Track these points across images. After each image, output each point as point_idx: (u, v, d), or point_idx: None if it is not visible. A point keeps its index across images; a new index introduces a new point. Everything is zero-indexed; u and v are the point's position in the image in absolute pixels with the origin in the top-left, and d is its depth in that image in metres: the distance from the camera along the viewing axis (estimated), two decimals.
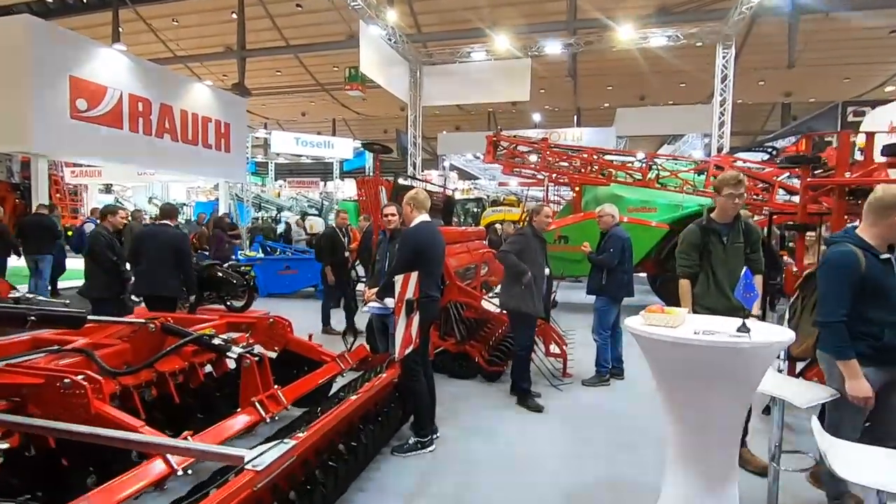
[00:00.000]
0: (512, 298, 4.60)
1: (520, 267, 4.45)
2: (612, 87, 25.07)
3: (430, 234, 3.64)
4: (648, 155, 8.66)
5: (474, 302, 5.28)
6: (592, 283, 5.26)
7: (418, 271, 3.48)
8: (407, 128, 14.88)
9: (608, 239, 5.16)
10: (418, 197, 3.68)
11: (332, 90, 26.73)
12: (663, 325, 2.28)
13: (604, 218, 5.30)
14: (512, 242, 4.74)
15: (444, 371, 5.44)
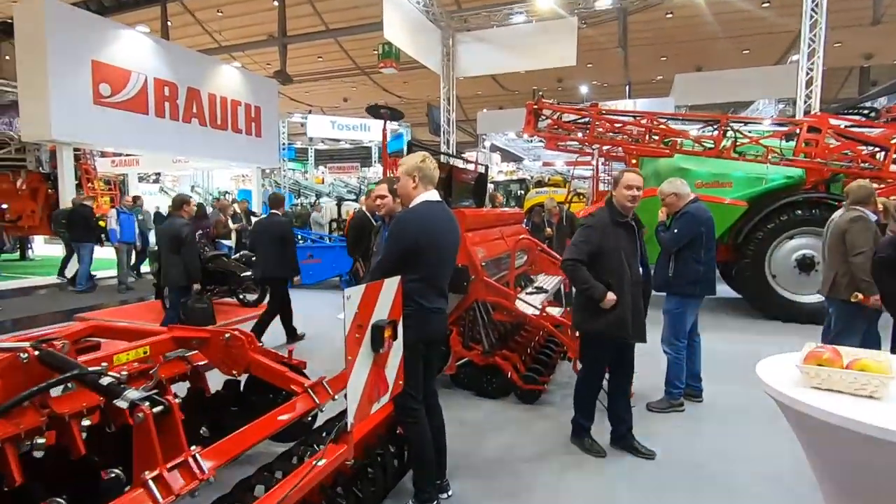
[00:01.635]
0: (588, 317, 3.24)
1: (594, 290, 3.08)
2: (665, 58, 22.93)
3: (435, 220, 2.55)
4: (722, 118, 7.19)
5: (506, 302, 4.19)
6: (658, 275, 4.05)
7: (410, 274, 2.45)
8: (440, 102, 13.74)
9: (678, 218, 3.94)
10: (421, 165, 2.60)
11: (373, 73, 26.12)
12: (854, 389, 1.14)
13: (666, 200, 4.07)
14: (580, 243, 3.18)
15: (468, 388, 4.41)
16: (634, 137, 7.77)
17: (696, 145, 7.49)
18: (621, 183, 3.20)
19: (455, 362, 4.31)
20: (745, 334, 6.44)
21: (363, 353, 2.12)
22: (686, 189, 4.02)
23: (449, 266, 2.68)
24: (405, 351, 2.47)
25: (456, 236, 2.72)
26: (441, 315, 2.64)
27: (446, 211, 2.67)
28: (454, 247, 2.72)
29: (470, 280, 4.28)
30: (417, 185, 2.59)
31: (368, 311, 2.12)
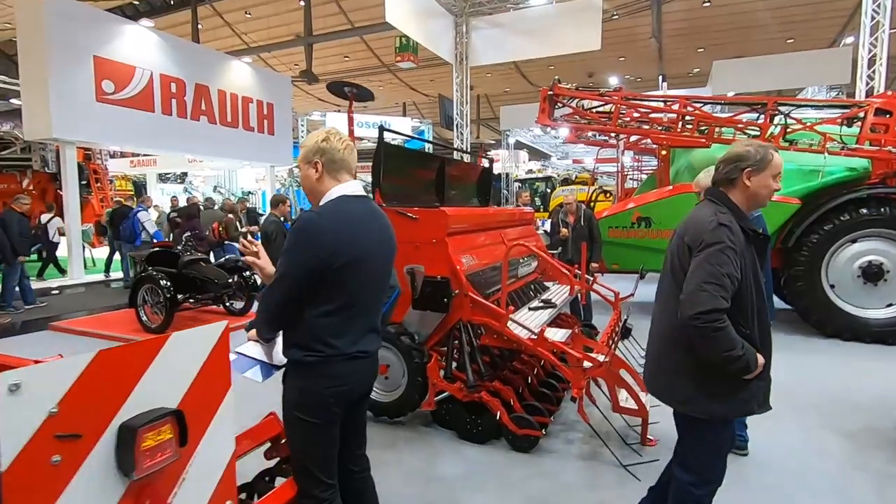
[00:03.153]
0: (720, 394, 1.93)
1: (747, 358, 1.82)
2: (703, 49, 21.59)
3: (354, 224, 1.75)
4: (769, 101, 6.14)
5: (494, 323, 3.36)
6: None
7: (317, 305, 1.70)
8: (452, 93, 12.89)
9: None
10: (324, 146, 1.80)
11: (399, 71, 25.78)
12: None
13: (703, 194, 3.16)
14: (719, 275, 1.79)
15: (449, 427, 3.60)
16: (665, 125, 6.79)
17: (738, 133, 6.45)
18: (767, 167, 1.88)
19: (434, 397, 3.51)
20: (797, 356, 5.42)
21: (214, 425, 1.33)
22: None
23: (379, 288, 1.89)
24: (304, 418, 1.71)
25: (389, 246, 1.92)
26: (367, 361, 1.84)
27: (372, 210, 1.87)
28: (386, 261, 1.91)
29: (452, 295, 3.47)
30: (322, 174, 1.79)
31: (103, 403, 1.17)
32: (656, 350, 2.13)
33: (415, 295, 3.55)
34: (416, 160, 4.56)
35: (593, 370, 3.20)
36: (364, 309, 1.79)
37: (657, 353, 2.12)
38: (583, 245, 5.35)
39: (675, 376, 2.00)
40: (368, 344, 1.81)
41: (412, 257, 3.63)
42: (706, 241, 1.83)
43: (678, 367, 1.99)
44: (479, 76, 25.69)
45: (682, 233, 1.97)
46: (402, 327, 3.64)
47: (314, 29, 20.25)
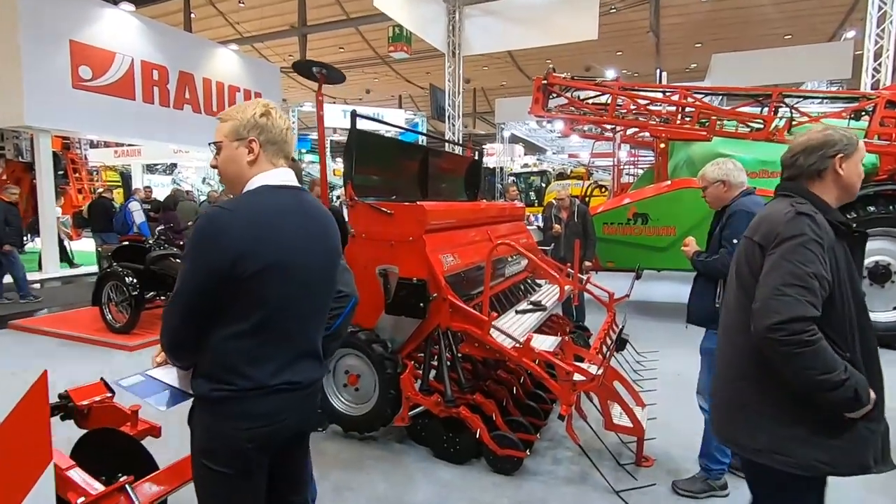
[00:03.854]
0: (814, 436, 1.46)
1: (854, 386, 1.37)
2: (700, 45, 21.33)
3: (276, 222, 1.40)
4: (774, 92, 5.81)
5: (475, 330, 3.02)
6: (698, 305, 2.83)
7: (228, 323, 1.35)
8: (444, 83, 12.50)
9: (730, 220, 2.68)
10: (262, 122, 1.44)
11: (394, 63, 25.36)
12: None
13: (709, 190, 2.81)
14: (805, 275, 1.39)
15: (426, 444, 3.28)
16: (664, 117, 6.45)
17: (741, 126, 6.12)
18: (856, 150, 1.56)
19: (408, 411, 3.17)
20: None
21: None
22: (740, 175, 2.77)
23: (315, 301, 1.51)
24: (214, 467, 1.36)
25: (327, 247, 1.52)
26: (297, 395, 1.44)
27: (303, 204, 1.48)
28: (324, 266, 1.52)
29: (429, 299, 3.13)
30: (258, 157, 1.44)
31: None
32: (726, 388, 1.64)
33: (387, 299, 3.21)
34: (396, 150, 4.22)
35: (584, 384, 2.88)
36: (292, 328, 1.42)
37: (727, 393, 1.64)
38: (576, 242, 5.03)
39: (751, 416, 1.53)
40: (300, 373, 1.44)
41: (386, 256, 3.29)
42: (782, 234, 1.45)
43: (755, 404, 1.52)
44: (475, 69, 25.29)
45: (751, 233, 1.58)
46: (373, 334, 3.30)
47: (308, 19, 19.93)
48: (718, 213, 2.83)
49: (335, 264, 1.57)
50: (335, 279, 1.58)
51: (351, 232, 3.44)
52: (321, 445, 3.34)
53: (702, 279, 2.82)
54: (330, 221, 1.55)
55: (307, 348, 1.48)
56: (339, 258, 1.60)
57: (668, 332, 6.17)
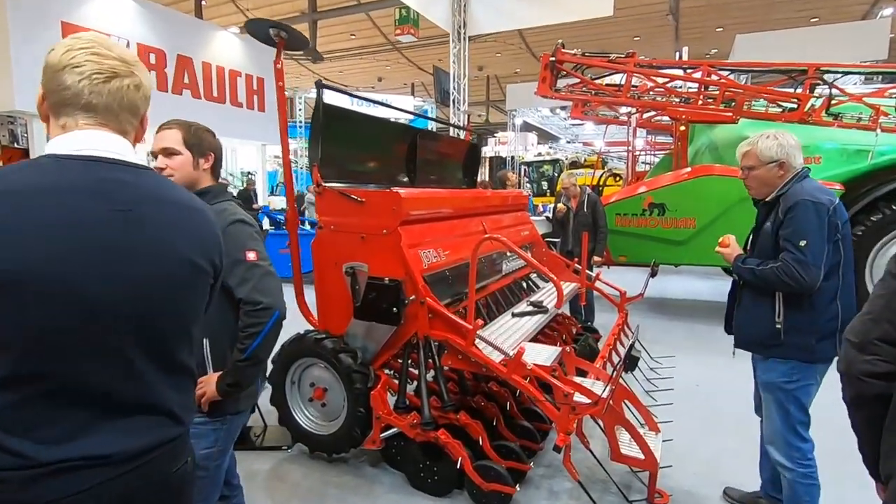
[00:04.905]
0: None
1: None
2: (722, 29, 20.38)
3: (16, 214, 0.84)
4: (810, 67, 5.19)
5: (459, 341, 2.54)
6: (751, 326, 2.23)
7: None
8: (450, 66, 11.91)
9: (792, 215, 2.05)
10: (50, 62, 0.93)
11: (406, 50, 24.77)
12: None
13: (757, 172, 2.17)
14: None
15: (402, 469, 2.82)
16: (684, 97, 5.85)
17: (771, 106, 5.51)
18: None
19: (380, 432, 2.72)
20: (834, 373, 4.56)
21: None
22: (798, 153, 2.15)
23: (138, 330, 0.96)
24: None
25: (158, 254, 0.99)
26: (113, 472, 0.93)
27: (128, 190, 0.97)
28: (152, 280, 0.98)
29: (404, 303, 2.66)
30: (47, 115, 0.98)
31: None
32: None
33: (355, 302, 2.75)
34: (377, 131, 3.73)
35: (587, 409, 2.39)
36: (89, 373, 0.91)
37: None
38: (584, 235, 4.51)
39: None
40: (109, 441, 0.93)
41: (358, 252, 2.83)
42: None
43: None
44: (488, 56, 24.58)
45: None
46: (341, 342, 2.84)
47: (318, 5, 19.39)
48: (766, 203, 2.20)
49: (185, 283, 1.04)
50: (187, 301, 1.06)
51: (319, 224, 2.97)
52: (282, 469, 2.91)
53: (751, 292, 2.23)
54: (189, 219, 1.06)
55: (128, 401, 0.97)
56: (202, 273, 1.08)
57: (685, 333, 5.64)
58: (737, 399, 3.16)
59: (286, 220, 3.14)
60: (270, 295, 1.54)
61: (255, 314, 1.52)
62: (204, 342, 1.61)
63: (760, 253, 2.19)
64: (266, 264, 1.59)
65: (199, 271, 1.06)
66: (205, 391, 1.56)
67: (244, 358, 1.52)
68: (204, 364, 1.61)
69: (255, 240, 1.62)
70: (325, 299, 2.98)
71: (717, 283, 8.26)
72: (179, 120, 1.79)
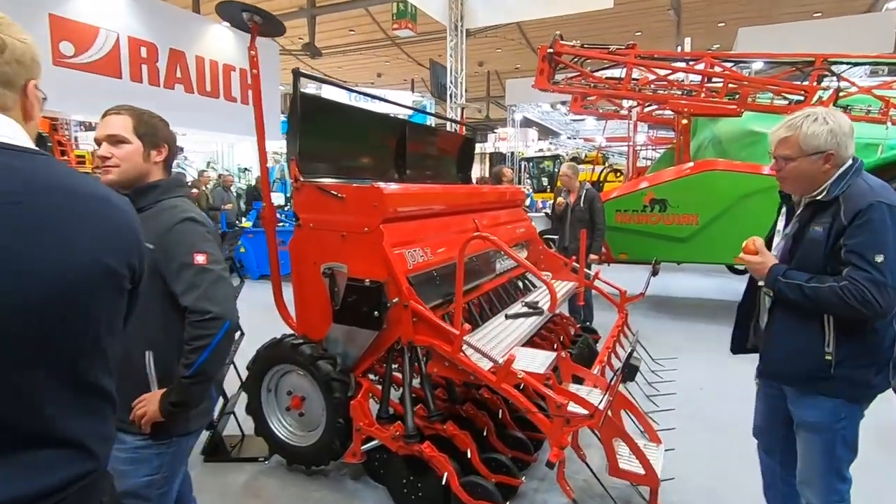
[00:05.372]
0: None
1: None
2: (724, 24, 20.16)
3: None
4: (818, 57, 4.98)
5: (445, 348, 2.36)
6: (793, 355, 1.79)
7: None
8: (447, 59, 11.67)
9: (864, 222, 1.59)
10: None
11: (405, 45, 24.52)
12: None
13: (798, 164, 1.70)
14: None
15: (386, 484, 2.64)
16: (686, 89, 5.65)
17: (776, 98, 5.31)
18: None
19: (361, 445, 2.53)
20: None
21: None
22: (850, 142, 1.70)
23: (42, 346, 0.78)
24: None
25: (62, 253, 0.79)
26: None
27: (36, 172, 0.80)
28: (51, 287, 0.78)
29: (386, 306, 2.47)
30: None
31: None
32: None
33: (334, 305, 2.56)
34: (362, 123, 3.53)
35: (582, 421, 2.20)
36: None
37: None
38: (582, 232, 4.32)
39: None
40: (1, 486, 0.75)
41: (339, 252, 2.64)
42: None
43: None
44: (488, 52, 24.32)
45: None
46: (320, 348, 2.66)
47: (317, 1, 19.21)
48: (817, 203, 1.72)
49: (91, 289, 0.85)
50: (95, 311, 0.87)
51: (298, 222, 2.78)
52: (258, 483, 2.73)
53: (791, 313, 1.76)
54: (98, 212, 0.87)
55: (24, 434, 0.78)
56: (114, 277, 0.89)
57: (688, 334, 5.46)
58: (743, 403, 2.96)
59: (262, 217, 2.95)
60: (220, 303, 1.35)
61: (201, 325, 1.33)
62: (146, 355, 1.42)
63: (803, 264, 1.73)
64: (219, 268, 1.40)
65: (109, 274, 0.87)
66: (145, 411, 1.38)
67: (189, 375, 1.33)
68: (146, 380, 1.42)
69: (207, 241, 1.43)
70: (304, 302, 2.79)
71: (721, 282, 8.06)
72: (130, 105, 1.61)
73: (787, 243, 1.83)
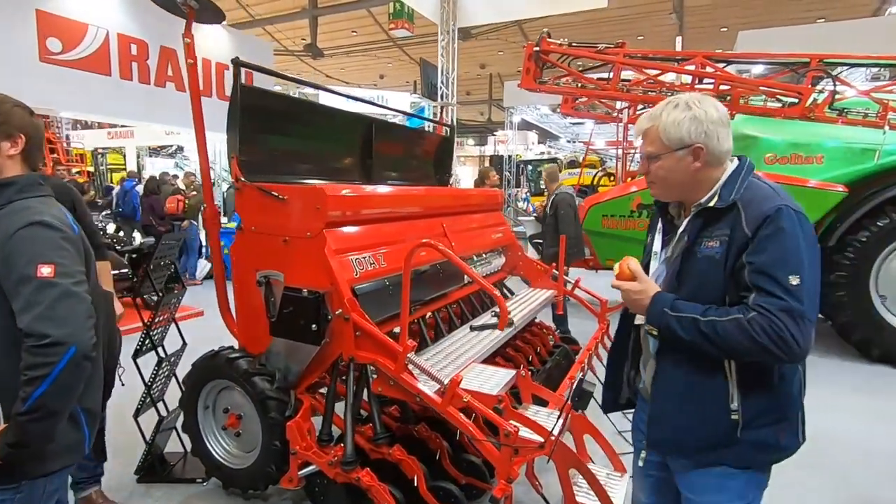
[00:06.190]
0: None
1: None
2: (726, 29, 20.02)
3: None
4: (813, 58, 4.77)
5: (389, 366, 2.15)
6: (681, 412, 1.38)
7: None
8: (438, 59, 11.46)
9: (767, 235, 1.22)
10: None
11: (407, 46, 24.43)
12: None
13: (663, 164, 1.38)
14: None
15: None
16: (677, 90, 5.43)
17: (769, 100, 5.09)
18: None
19: (297, 470, 2.32)
20: (832, 387, 4.15)
21: None
22: (725, 133, 1.34)
23: None
24: None
25: None
26: None
27: None
28: None
29: (326, 319, 2.27)
30: None
31: None
32: None
33: (270, 316, 2.35)
34: (316, 119, 3.34)
35: (531, 451, 1.99)
36: None
37: None
38: (561, 238, 4.12)
39: None
40: None
41: (280, 258, 2.43)
42: None
43: None
44: (490, 54, 24.20)
45: None
46: (258, 362, 2.45)
47: (319, 1, 19.06)
48: (709, 211, 1.33)
49: None
50: None
51: (239, 225, 2.58)
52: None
53: (690, 359, 1.34)
54: None
55: None
56: None
57: None
58: None
59: (203, 218, 2.75)
60: (65, 325, 1.14)
61: (39, 351, 1.12)
62: None
63: (695, 292, 1.32)
64: (68, 282, 1.19)
65: None
66: None
67: (24, 410, 1.12)
68: None
69: (59, 249, 1.22)
70: (245, 312, 2.58)
71: None
72: None
73: (671, 267, 1.41)
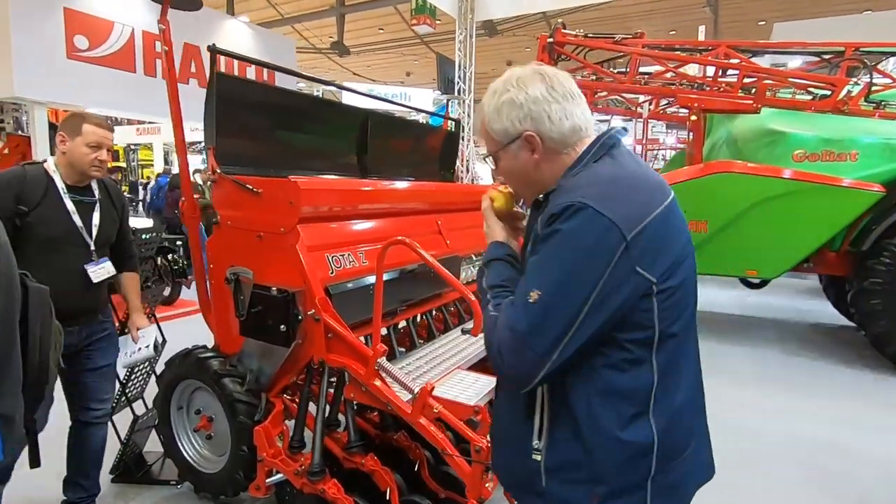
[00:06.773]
0: None
1: None
2: (764, 23, 19.15)
3: None
4: (848, 47, 4.42)
5: (359, 369, 2.01)
6: (497, 425, 1.23)
7: None
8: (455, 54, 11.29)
9: (550, 226, 0.97)
10: None
11: (433, 43, 24.39)
12: None
13: (504, 164, 1.14)
14: None
15: None
16: (698, 83, 5.14)
17: (799, 92, 4.75)
18: None
19: (265, 479, 2.21)
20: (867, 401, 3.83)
21: None
22: (557, 109, 1.04)
23: None
24: None
25: None
26: None
27: None
28: None
29: (297, 320, 2.14)
30: None
31: None
32: None
33: (239, 315, 2.24)
34: (304, 110, 3.22)
35: None
36: None
37: None
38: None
39: None
40: None
41: (253, 254, 2.32)
42: None
43: None
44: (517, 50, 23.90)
45: None
46: (229, 363, 2.35)
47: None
48: (534, 206, 1.17)
49: None
50: None
51: (215, 220, 2.48)
52: None
53: None
54: None
55: None
56: None
57: None
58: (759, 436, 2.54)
59: (182, 212, 2.66)
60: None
61: None
62: None
63: None
64: None
65: None
66: None
67: None
68: None
69: None
70: (221, 310, 2.48)
71: (736, 294, 7.46)
72: None
73: None
